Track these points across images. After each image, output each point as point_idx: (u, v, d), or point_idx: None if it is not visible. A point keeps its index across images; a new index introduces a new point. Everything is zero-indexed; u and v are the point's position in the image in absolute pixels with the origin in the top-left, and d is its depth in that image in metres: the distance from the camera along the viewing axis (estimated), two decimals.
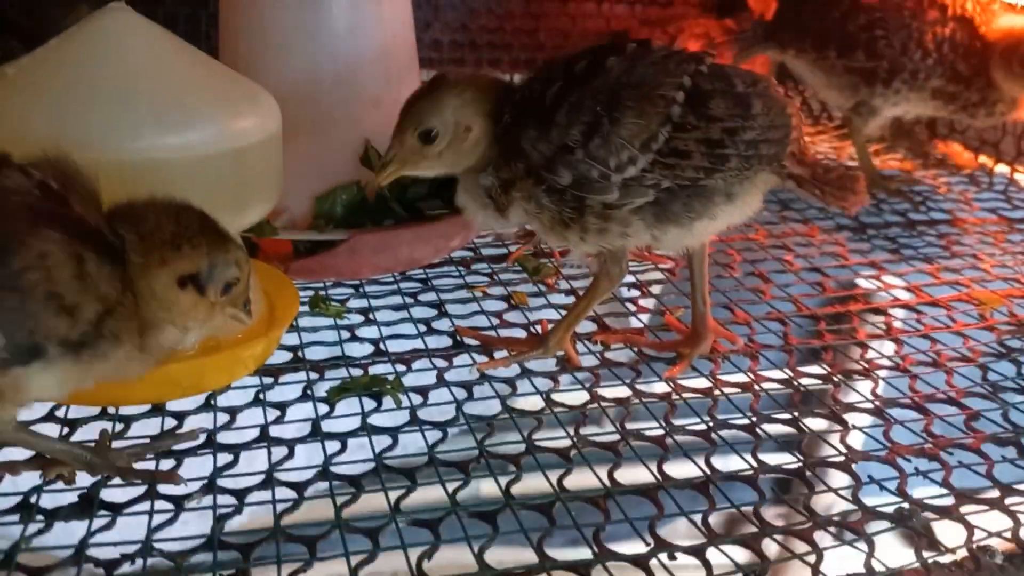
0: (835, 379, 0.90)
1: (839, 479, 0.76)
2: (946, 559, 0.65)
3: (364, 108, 1.09)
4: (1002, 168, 1.52)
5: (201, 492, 0.70)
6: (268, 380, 0.85)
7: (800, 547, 0.66)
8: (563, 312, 0.95)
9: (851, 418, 0.84)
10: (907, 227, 1.33)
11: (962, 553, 0.65)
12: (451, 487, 0.71)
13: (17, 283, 0.60)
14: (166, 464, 0.73)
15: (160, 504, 0.68)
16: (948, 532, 0.68)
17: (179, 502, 0.69)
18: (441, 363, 0.91)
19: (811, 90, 1.59)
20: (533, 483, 0.73)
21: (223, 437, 0.77)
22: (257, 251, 1.03)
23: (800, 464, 0.76)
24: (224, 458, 0.74)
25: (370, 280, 1.07)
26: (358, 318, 0.99)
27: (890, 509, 0.70)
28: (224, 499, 0.70)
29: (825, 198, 0.86)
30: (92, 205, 0.66)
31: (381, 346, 0.93)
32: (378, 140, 1.10)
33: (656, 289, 1.11)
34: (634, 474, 0.74)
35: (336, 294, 1.04)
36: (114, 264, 0.64)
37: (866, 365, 0.93)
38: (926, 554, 0.65)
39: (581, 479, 0.74)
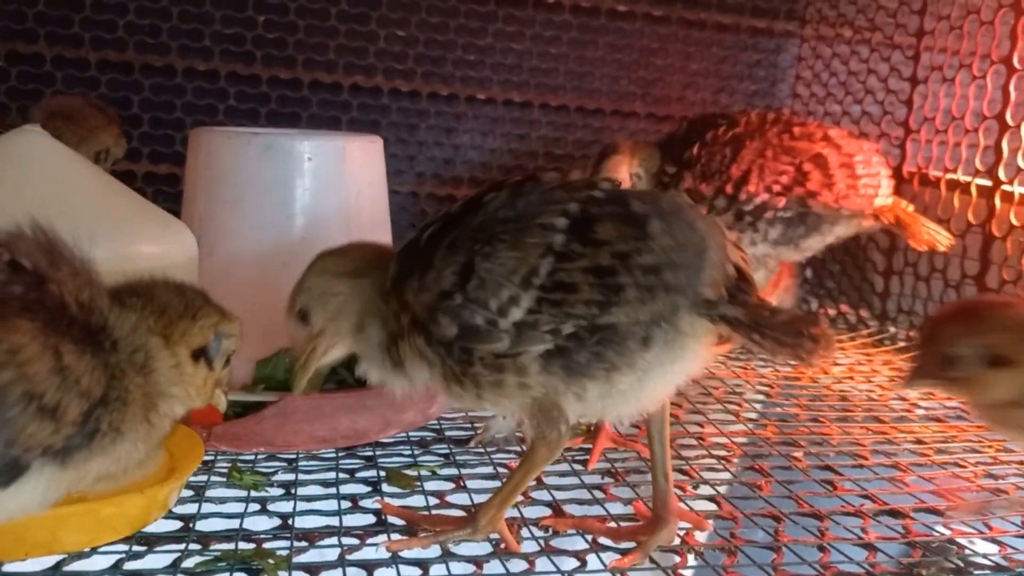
0: None
1: None
2: None
3: None
4: None
5: None
6: (140, 548, 0.72)
7: None
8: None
9: None
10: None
11: None
12: None
13: None
14: None
15: None
16: None
17: None
18: (352, 541, 0.77)
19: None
20: None
21: None
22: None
23: None
24: None
25: (308, 455, 0.96)
26: (277, 491, 0.86)
27: None
28: None
29: (766, 345, 0.66)
30: (84, 282, 0.59)
31: (289, 521, 0.80)
32: None
33: (634, 478, 0.96)
34: None
35: (266, 467, 0.92)
36: (96, 352, 0.57)
37: (869, 568, 0.75)
38: None
39: None
